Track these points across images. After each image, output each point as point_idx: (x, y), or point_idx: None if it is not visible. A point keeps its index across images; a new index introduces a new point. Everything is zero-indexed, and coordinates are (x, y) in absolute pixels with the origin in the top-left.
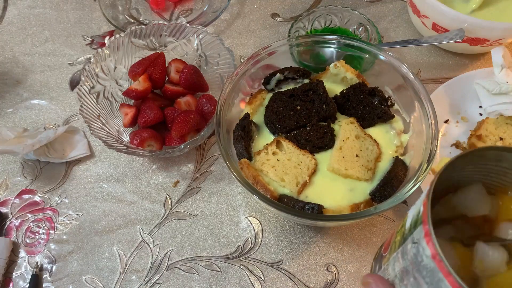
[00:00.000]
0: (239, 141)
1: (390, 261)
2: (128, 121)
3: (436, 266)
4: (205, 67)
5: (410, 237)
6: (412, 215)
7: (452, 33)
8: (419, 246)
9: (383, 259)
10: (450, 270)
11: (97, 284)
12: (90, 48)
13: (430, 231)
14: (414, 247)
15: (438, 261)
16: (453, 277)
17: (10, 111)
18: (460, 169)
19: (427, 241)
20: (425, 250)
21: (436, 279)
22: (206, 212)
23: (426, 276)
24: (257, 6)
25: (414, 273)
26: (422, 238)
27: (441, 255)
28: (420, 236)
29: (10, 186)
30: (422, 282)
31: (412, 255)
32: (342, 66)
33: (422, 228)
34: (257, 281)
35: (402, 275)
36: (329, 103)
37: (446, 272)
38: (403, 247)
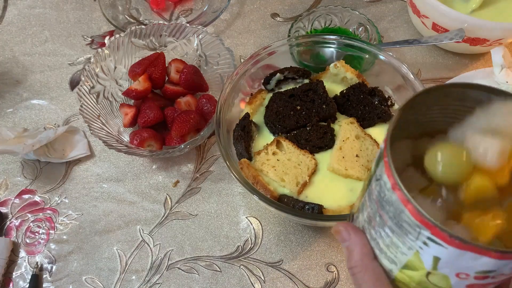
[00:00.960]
0: (239, 141)
1: (360, 207)
2: (128, 121)
3: (397, 197)
4: (205, 67)
5: (374, 176)
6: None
7: (452, 33)
8: (381, 182)
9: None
10: (409, 198)
11: (97, 284)
12: (90, 48)
13: (389, 163)
14: (377, 184)
15: (398, 190)
16: (412, 204)
17: (10, 111)
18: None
19: (387, 174)
20: (386, 183)
21: (398, 211)
22: (206, 212)
23: (389, 210)
24: (257, 6)
25: (380, 211)
26: (383, 172)
27: (400, 183)
28: (381, 172)
29: (10, 186)
30: (387, 218)
31: (376, 193)
32: (342, 66)
33: (383, 163)
34: (257, 281)
35: (370, 217)
36: (329, 103)
37: (405, 201)
38: (369, 187)
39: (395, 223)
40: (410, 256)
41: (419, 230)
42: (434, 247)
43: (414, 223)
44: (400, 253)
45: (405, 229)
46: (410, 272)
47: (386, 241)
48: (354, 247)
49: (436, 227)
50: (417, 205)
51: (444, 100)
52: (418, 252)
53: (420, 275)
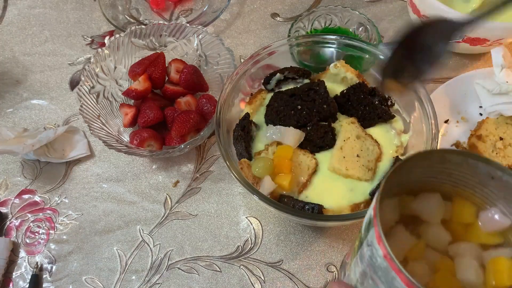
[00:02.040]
0: (239, 141)
1: (352, 266)
2: (128, 121)
3: (389, 265)
4: (205, 67)
5: (365, 240)
6: (366, 219)
7: None
8: (372, 248)
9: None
10: (400, 268)
11: (97, 284)
12: (90, 48)
13: (380, 233)
14: (369, 249)
15: (390, 260)
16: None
17: (10, 111)
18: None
19: (378, 242)
20: (378, 251)
21: (390, 278)
22: (206, 212)
23: (382, 276)
24: (257, 6)
25: (372, 274)
26: (375, 240)
27: (391, 254)
28: (373, 238)
29: (10, 186)
30: (379, 282)
31: (367, 257)
32: (342, 66)
33: (374, 231)
34: (257, 281)
35: (362, 278)
36: (330, 103)
37: (397, 269)
38: (360, 250)
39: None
40: None
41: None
42: None
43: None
44: None
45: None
46: None
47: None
48: None
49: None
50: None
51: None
52: None
53: None
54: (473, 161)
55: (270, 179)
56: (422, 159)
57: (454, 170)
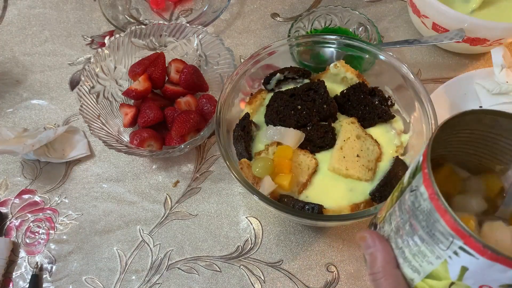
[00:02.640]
0: (239, 141)
1: (386, 217)
2: (128, 121)
3: (433, 207)
4: (205, 67)
5: (408, 187)
6: (411, 169)
7: (452, 33)
8: (417, 192)
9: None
10: (447, 208)
11: (97, 284)
12: (90, 48)
13: (429, 173)
14: (412, 194)
15: (435, 200)
16: (449, 214)
17: (10, 111)
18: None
19: (425, 184)
20: (423, 194)
21: (432, 221)
22: (206, 212)
23: (422, 220)
24: (257, 6)
25: (411, 220)
26: (421, 183)
27: (438, 193)
28: (418, 182)
29: (10, 186)
30: (418, 227)
31: (409, 203)
32: (342, 66)
33: (421, 174)
34: (257, 281)
35: (398, 226)
36: (330, 103)
37: (442, 210)
38: (400, 199)
39: (427, 232)
40: (437, 265)
41: (452, 239)
42: (465, 257)
43: (448, 232)
44: (426, 262)
45: (437, 238)
46: (433, 282)
47: (413, 250)
48: (378, 254)
49: (471, 237)
50: (455, 215)
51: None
52: (446, 261)
53: (443, 285)
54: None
55: (270, 179)
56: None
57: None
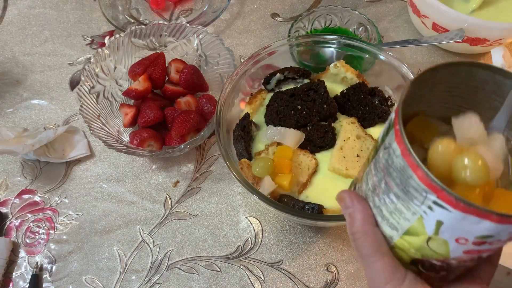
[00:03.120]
0: (239, 141)
1: (363, 177)
2: (128, 121)
3: (406, 163)
4: (205, 67)
5: (382, 145)
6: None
7: (452, 33)
8: (390, 150)
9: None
10: (419, 163)
11: (97, 284)
12: (90, 48)
13: (400, 130)
14: (386, 152)
15: (407, 155)
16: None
17: (10, 111)
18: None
19: (397, 141)
20: (396, 150)
21: (406, 177)
22: (206, 212)
23: (396, 177)
24: (257, 6)
25: (386, 177)
26: (393, 140)
27: (410, 149)
28: (391, 139)
29: (10, 186)
30: (393, 184)
31: (384, 161)
32: (342, 66)
33: (393, 131)
34: (257, 281)
35: (375, 185)
36: (330, 103)
37: (415, 166)
38: (375, 158)
39: (401, 189)
40: (413, 221)
41: (425, 194)
42: (439, 211)
43: (422, 187)
44: (403, 219)
45: (411, 195)
46: (411, 238)
47: (390, 208)
48: (357, 213)
49: (444, 191)
50: (427, 170)
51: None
52: (421, 217)
53: (421, 241)
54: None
55: (270, 179)
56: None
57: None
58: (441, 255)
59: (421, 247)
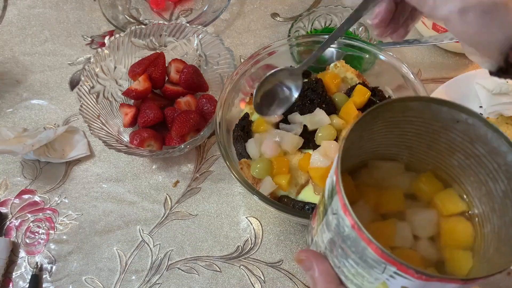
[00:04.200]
0: (239, 141)
1: (318, 232)
2: (128, 121)
3: (358, 236)
4: (205, 67)
5: (329, 207)
6: (328, 184)
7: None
8: (338, 217)
9: (313, 230)
10: (370, 238)
11: (97, 284)
12: (90, 48)
13: (345, 202)
14: (335, 217)
15: (358, 230)
16: (375, 244)
17: (10, 111)
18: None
19: (344, 212)
20: (345, 220)
21: (361, 248)
22: (206, 212)
23: (351, 245)
24: (257, 6)
25: (340, 243)
26: (340, 209)
27: (360, 225)
28: (337, 206)
29: (10, 186)
30: (349, 252)
31: (334, 225)
32: (342, 66)
33: (338, 200)
34: (257, 281)
35: (331, 246)
36: (329, 102)
37: (367, 240)
38: (326, 217)
39: (359, 257)
40: (377, 284)
41: (384, 265)
42: (401, 280)
43: (379, 260)
44: (367, 282)
45: (370, 264)
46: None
47: (351, 271)
48: (318, 276)
49: (402, 265)
50: (380, 245)
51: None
52: (385, 283)
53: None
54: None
55: (271, 179)
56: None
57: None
58: None
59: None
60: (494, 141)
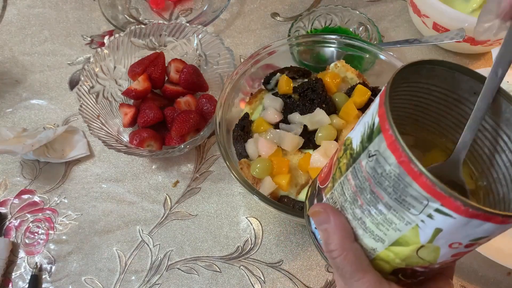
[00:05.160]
0: (239, 141)
1: (335, 188)
2: (128, 121)
3: (404, 171)
4: (205, 67)
5: (363, 153)
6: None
7: (453, 33)
8: (378, 157)
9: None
10: (423, 171)
11: (97, 284)
12: (90, 48)
13: (395, 135)
14: (372, 160)
15: (406, 163)
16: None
17: (9, 111)
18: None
19: (392, 148)
20: (388, 158)
21: (402, 186)
22: (206, 212)
23: (388, 186)
24: (257, 5)
25: (372, 188)
26: (384, 148)
27: (411, 157)
28: (380, 146)
29: (10, 186)
30: (383, 194)
31: (369, 170)
32: (342, 66)
33: (383, 137)
34: (257, 282)
35: (355, 196)
36: (329, 102)
37: (416, 174)
38: (353, 167)
39: (395, 199)
40: (405, 231)
41: (426, 202)
42: (440, 219)
43: (423, 195)
44: (392, 230)
45: (408, 204)
46: (399, 249)
47: (377, 219)
48: (334, 229)
49: (451, 197)
50: (432, 177)
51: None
52: (417, 226)
53: (410, 250)
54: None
55: (271, 179)
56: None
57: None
58: (427, 261)
59: (409, 256)
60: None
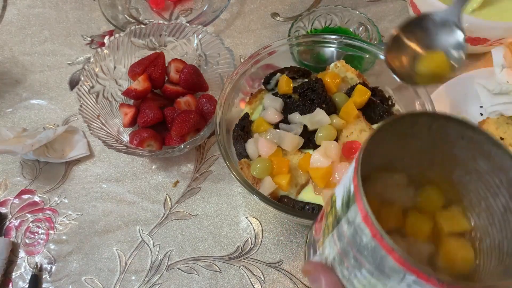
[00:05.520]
0: (239, 141)
1: (325, 244)
2: (128, 121)
3: (378, 245)
4: (205, 67)
5: (344, 217)
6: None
7: None
8: (355, 227)
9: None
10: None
11: (97, 284)
12: (90, 48)
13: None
14: (351, 227)
15: (380, 239)
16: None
17: (9, 111)
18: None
19: (366, 222)
20: (364, 230)
21: (379, 257)
22: (206, 212)
23: (368, 255)
24: (257, 5)
25: (355, 254)
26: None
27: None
28: (355, 216)
29: (10, 186)
30: (364, 262)
31: (349, 236)
32: (342, 66)
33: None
34: (257, 282)
35: (342, 257)
36: (329, 102)
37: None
38: (337, 228)
39: (375, 267)
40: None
41: (403, 274)
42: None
43: (398, 269)
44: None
45: (387, 273)
46: None
47: (363, 282)
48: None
49: (424, 273)
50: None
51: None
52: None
53: None
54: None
55: (271, 179)
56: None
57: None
58: None
59: None
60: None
